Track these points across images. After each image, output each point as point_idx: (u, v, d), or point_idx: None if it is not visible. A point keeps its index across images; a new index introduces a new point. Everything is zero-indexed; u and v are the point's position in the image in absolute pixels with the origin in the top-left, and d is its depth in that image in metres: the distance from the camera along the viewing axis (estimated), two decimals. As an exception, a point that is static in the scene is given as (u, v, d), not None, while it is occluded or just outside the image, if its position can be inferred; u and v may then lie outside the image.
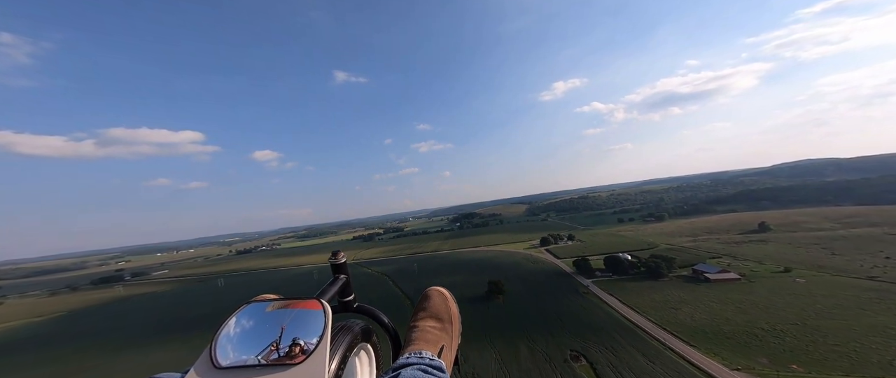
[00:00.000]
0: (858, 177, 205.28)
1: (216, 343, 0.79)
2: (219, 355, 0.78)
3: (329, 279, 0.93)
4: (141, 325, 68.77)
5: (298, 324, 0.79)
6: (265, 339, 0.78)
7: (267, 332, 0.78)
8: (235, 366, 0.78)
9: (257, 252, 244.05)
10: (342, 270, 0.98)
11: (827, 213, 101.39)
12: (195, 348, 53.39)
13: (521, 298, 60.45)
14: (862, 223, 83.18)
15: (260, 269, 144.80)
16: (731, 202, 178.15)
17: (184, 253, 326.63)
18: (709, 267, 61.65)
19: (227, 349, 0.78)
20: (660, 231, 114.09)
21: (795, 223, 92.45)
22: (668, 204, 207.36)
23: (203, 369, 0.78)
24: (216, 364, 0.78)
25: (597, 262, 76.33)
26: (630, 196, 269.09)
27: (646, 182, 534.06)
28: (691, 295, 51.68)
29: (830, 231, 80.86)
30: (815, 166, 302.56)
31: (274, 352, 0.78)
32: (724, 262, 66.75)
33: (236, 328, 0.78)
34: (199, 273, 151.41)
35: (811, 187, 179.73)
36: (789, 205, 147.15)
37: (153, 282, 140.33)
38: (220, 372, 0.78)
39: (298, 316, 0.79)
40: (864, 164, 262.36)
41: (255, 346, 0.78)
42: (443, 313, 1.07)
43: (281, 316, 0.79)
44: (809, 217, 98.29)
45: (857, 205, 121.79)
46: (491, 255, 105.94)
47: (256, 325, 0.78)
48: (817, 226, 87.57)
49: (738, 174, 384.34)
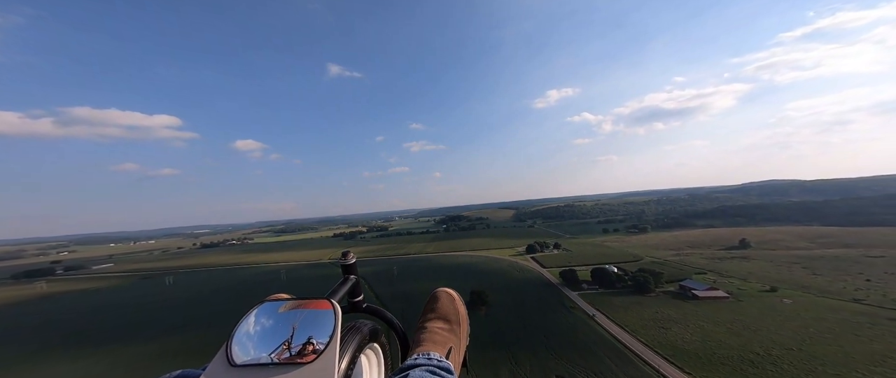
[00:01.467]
0: (821, 198, 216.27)
1: (232, 341, 0.81)
2: (234, 353, 0.80)
3: (339, 279, 0.94)
4: (39, 333, 56.71)
5: (309, 323, 0.80)
6: (278, 338, 0.80)
7: (280, 331, 0.80)
8: (250, 363, 0.80)
9: (224, 246, 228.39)
10: (352, 271, 0.99)
11: (801, 233, 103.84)
12: (110, 365, 42.36)
13: (505, 311, 56.80)
14: (836, 243, 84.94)
15: (220, 265, 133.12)
16: (709, 217, 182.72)
17: (142, 244, 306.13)
18: (696, 283, 59.95)
19: (242, 347, 0.80)
20: (644, 243, 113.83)
21: (773, 241, 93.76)
22: (649, 216, 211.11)
23: (219, 366, 0.80)
24: (232, 361, 0.80)
25: (584, 273, 73.95)
26: (614, 207, 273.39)
27: (627, 193, 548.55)
28: (680, 313, 49.36)
29: (807, 250, 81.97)
30: (781, 187, 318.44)
31: (286, 350, 0.80)
32: (710, 278, 65.48)
33: (251, 327, 0.80)
34: (150, 268, 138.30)
35: (781, 206, 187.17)
36: (763, 223, 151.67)
37: (90, 277, 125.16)
38: (235, 369, 0.80)
39: (309, 316, 0.80)
40: (825, 187, 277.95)
41: (269, 344, 0.80)
42: (451, 315, 1.07)
43: (293, 316, 0.81)
44: (786, 235, 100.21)
45: (825, 225, 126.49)
46: (476, 261, 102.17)
47: (270, 324, 0.80)
48: (794, 244, 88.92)
49: (712, 190, 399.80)
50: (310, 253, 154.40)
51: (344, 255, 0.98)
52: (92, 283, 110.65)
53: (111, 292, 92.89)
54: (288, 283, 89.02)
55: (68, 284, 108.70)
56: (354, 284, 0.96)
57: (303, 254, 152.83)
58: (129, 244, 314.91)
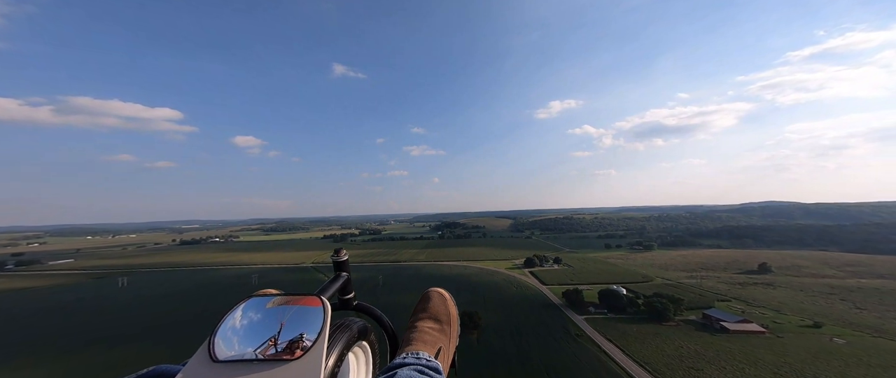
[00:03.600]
0: (825, 222, 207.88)
1: (215, 336, 0.77)
2: (217, 348, 0.77)
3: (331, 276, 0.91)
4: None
5: (298, 320, 0.77)
6: (264, 334, 0.77)
7: (266, 327, 0.77)
8: (233, 359, 0.77)
9: (205, 244, 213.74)
10: (343, 268, 0.96)
11: (824, 258, 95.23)
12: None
13: (500, 336, 48.05)
14: (867, 273, 76.43)
15: (191, 265, 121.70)
16: (714, 237, 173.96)
17: (121, 238, 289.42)
18: (724, 313, 51.25)
19: (225, 342, 0.77)
20: (651, 262, 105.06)
21: (796, 266, 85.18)
22: (651, 233, 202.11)
23: (201, 362, 0.77)
24: (214, 357, 0.77)
25: (589, 293, 65.37)
26: (613, 221, 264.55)
27: (624, 208, 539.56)
28: (709, 349, 40.62)
29: (838, 279, 73.33)
30: (783, 208, 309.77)
31: (272, 347, 0.77)
32: (736, 307, 56.78)
33: (236, 322, 0.77)
34: (111, 265, 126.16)
35: (790, 229, 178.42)
36: (773, 245, 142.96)
37: (38, 274, 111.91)
38: (217, 365, 0.77)
39: (298, 312, 0.78)
40: (827, 210, 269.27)
41: (254, 340, 0.77)
42: (442, 315, 1.04)
43: (281, 312, 0.77)
44: (808, 261, 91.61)
45: (843, 251, 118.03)
46: (470, 273, 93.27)
47: (256, 319, 0.77)
48: (820, 272, 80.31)
49: (712, 209, 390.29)
50: (293, 254, 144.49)
51: (336, 252, 0.95)
52: (36, 280, 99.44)
53: (50, 293, 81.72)
54: (256, 288, 79.87)
55: (7, 282, 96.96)
56: (346, 281, 0.93)
57: (285, 255, 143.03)
58: (108, 237, 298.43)
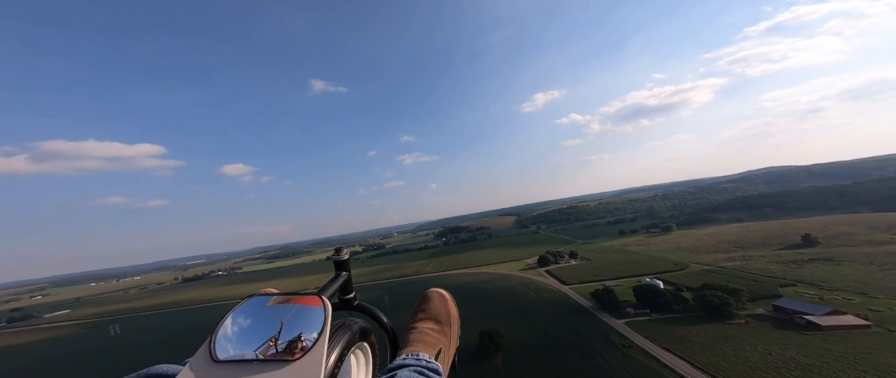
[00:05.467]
0: (836, 182, 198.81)
1: (216, 336, 0.76)
2: (217, 348, 0.76)
3: (332, 275, 0.90)
4: None
5: (298, 319, 0.76)
6: (264, 334, 0.76)
7: (266, 326, 0.76)
8: (233, 359, 0.76)
9: (209, 279, 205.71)
10: (344, 267, 0.95)
11: (867, 221, 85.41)
12: None
13: (530, 356, 38.23)
14: (927, 232, 66.72)
15: (191, 303, 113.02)
16: (730, 210, 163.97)
17: (125, 281, 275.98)
18: (799, 303, 41.17)
19: (225, 343, 0.76)
20: (676, 245, 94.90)
21: (843, 235, 75.27)
22: (661, 212, 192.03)
23: (201, 362, 0.75)
24: (215, 357, 0.76)
25: (621, 290, 55.44)
26: (618, 205, 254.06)
27: (625, 191, 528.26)
28: (809, 353, 30.61)
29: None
30: (786, 173, 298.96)
31: (272, 347, 0.76)
32: (806, 293, 46.71)
33: (236, 322, 0.76)
34: (109, 312, 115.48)
35: (805, 193, 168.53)
36: (795, 213, 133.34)
37: (31, 329, 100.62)
38: (217, 365, 0.75)
39: (298, 311, 0.76)
40: (832, 170, 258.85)
41: (254, 340, 0.76)
42: (442, 316, 1.04)
43: (281, 311, 0.76)
44: (852, 226, 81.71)
45: (874, 211, 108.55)
46: (481, 280, 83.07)
47: (256, 319, 0.76)
48: (874, 238, 70.43)
49: (716, 181, 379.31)
50: (297, 281, 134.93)
51: (337, 251, 0.95)
52: (28, 336, 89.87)
53: (36, 349, 73.30)
54: None
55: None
56: (346, 281, 0.92)
57: (289, 283, 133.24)
58: (112, 282, 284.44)
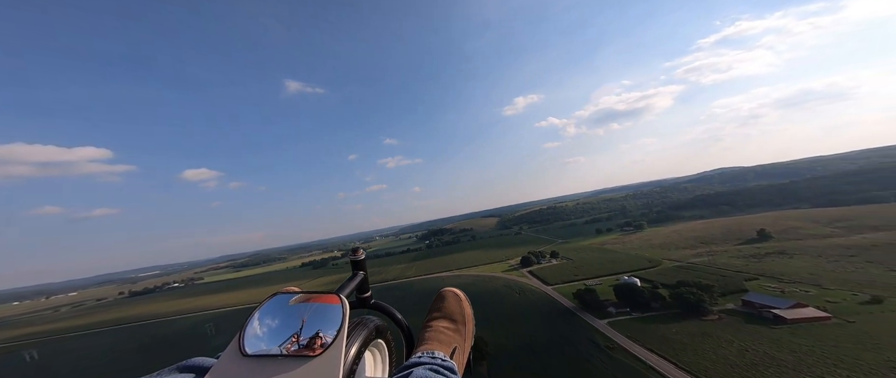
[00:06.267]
0: (776, 181, 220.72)
1: (245, 332, 0.81)
2: (246, 344, 0.81)
3: (349, 275, 0.94)
4: None
5: (318, 317, 0.80)
6: (287, 331, 0.80)
7: (289, 323, 0.80)
8: (260, 354, 0.81)
9: (162, 291, 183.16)
10: (361, 267, 0.98)
11: (808, 216, 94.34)
12: None
13: (516, 363, 37.22)
14: (860, 226, 74.46)
15: (137, 320, 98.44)
16: (692, 207, 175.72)
17: (58, 298, 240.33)
18: (766, 297, 43.59)
19: (253, 338, 0.81)
20: (648, 242, 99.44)
21: (791, 229, 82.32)
22: (633, 211, 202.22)
23: (232, 356, 0.81)
24: (244, 352, 0.81)
25: (602, 289, 56.56)
26: (594, 205, 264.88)
27: (601, 191, 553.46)
28: (781, 348, 32.05)
29: (839, 237, 70.33)
30: (736, 173, 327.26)
31: (295, 343, 0.80)
32: (768, 286, 49.80)
33: (262, 319, 0.81)
34: (29, 335, 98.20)
35: (753, 191, 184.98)
36: (748, 209, 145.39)
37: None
38: (246, 359, 0.81)
39: (318, 310, 0.80)
40: (773, 170, 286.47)
41: (279, 336, 0.80)
42: (456, 314, 1.05)
43: (302, 309, 0.80)
44: (797, 221, 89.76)
45: (812, 207, 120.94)
46: (465, 282, 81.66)
47: (280, 316, 0.81)
48: (817, 232, 77.52)
49: (677, 181, 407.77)
50: (267, 290, 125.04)
51: (354, 251, 0.99)
52: None
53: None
54: (215, 337, 62.71)
55: None
56: (363, 280, 0.96)
57: (258, 292, 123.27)
58: (41, 300, 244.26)
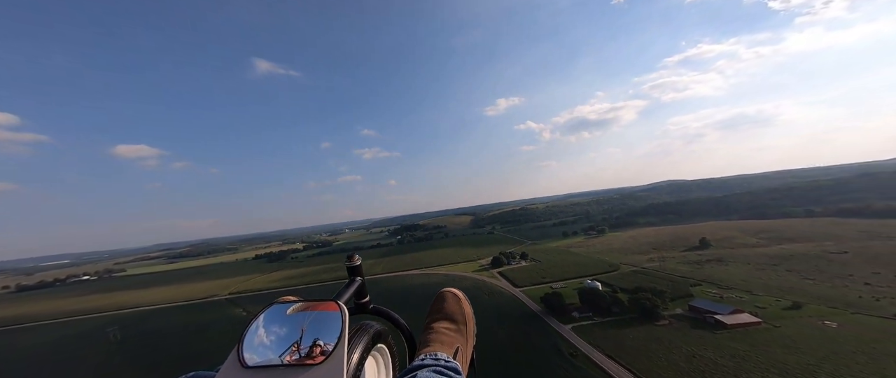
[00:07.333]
0: (712, 194, 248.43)
1: (243, 343, 0.79)
2: (246, 355, 0.79)
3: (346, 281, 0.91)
4: None
5: (317, 325, 0.78)
6: (287, 340, 0.79)
7: (289, 333, 0.79)
8: (261, 365, 0.79)
9: (66, 285, 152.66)
10: (357, 272, 0.95)
11: (739, 227, 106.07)
12: None
13: (484, 371, 36.04)
14: (780, 238, 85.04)
15: (16, 322, 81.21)
16: (645, 214, 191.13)
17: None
18: (709, 303, 47.20)
19: (252, 349, 0.79)
20: (608, 246, 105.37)
21: (726, 238, 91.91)
22: (596, 216, 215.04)
23: (232, 368, 0.79)
24: (244, 363, 0.79)
25: (567, 292, 58.25)
26: (562, 208, 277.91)
27: (569, 195, 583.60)
28: (722, 353, 34.56)
29: (763, 247, 79.53)
30: (682, 185, 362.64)
31: (296, 352, 0.79)
32: (709, 291, 54.37)
33: (261, 329, 0.79)
34: None
35: (696, 202, 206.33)
36: (691, 219, 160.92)
37: None
38: (247, 371, 0.78)
39: (317, 317, 0.78)
40: (709, 185, 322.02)
41: (278, 346, 0.79)
42: (457, 315, 1.04)
43: (301, 318, 0.78)
44: (730, 231, 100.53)
45: (740, 219, 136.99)
46: (435, 282, 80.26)
47: (279, 326, 0.79)
48: (746, 241, 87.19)
49: (633, 190, 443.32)
50: (204, 286, 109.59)
51: (349, 258, 0.96)
52: None
53: None
54: (118, 345, 54.59)
55: None
56: (360, 286, 0.93)
57: (191, 288, 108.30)
58: None
